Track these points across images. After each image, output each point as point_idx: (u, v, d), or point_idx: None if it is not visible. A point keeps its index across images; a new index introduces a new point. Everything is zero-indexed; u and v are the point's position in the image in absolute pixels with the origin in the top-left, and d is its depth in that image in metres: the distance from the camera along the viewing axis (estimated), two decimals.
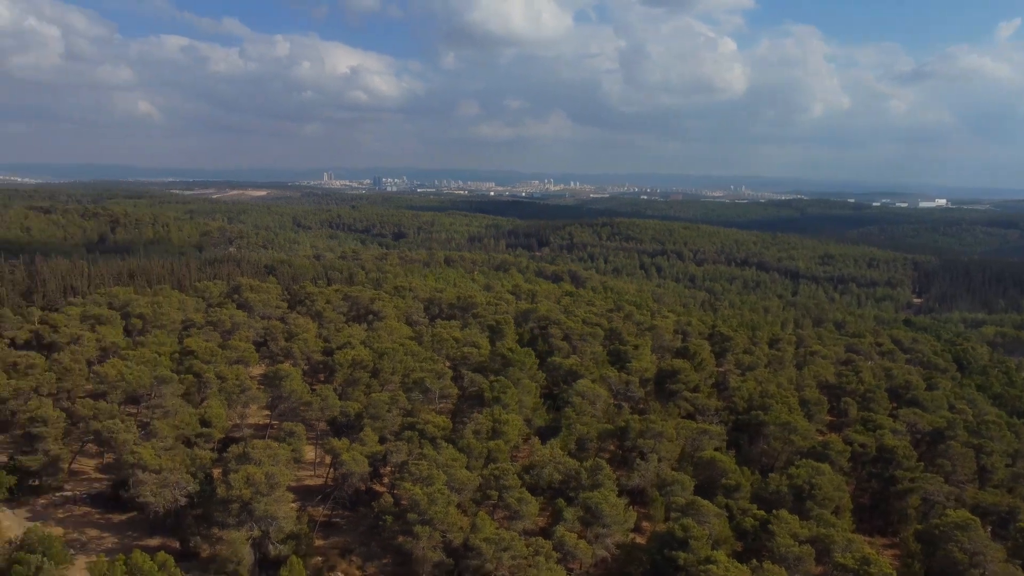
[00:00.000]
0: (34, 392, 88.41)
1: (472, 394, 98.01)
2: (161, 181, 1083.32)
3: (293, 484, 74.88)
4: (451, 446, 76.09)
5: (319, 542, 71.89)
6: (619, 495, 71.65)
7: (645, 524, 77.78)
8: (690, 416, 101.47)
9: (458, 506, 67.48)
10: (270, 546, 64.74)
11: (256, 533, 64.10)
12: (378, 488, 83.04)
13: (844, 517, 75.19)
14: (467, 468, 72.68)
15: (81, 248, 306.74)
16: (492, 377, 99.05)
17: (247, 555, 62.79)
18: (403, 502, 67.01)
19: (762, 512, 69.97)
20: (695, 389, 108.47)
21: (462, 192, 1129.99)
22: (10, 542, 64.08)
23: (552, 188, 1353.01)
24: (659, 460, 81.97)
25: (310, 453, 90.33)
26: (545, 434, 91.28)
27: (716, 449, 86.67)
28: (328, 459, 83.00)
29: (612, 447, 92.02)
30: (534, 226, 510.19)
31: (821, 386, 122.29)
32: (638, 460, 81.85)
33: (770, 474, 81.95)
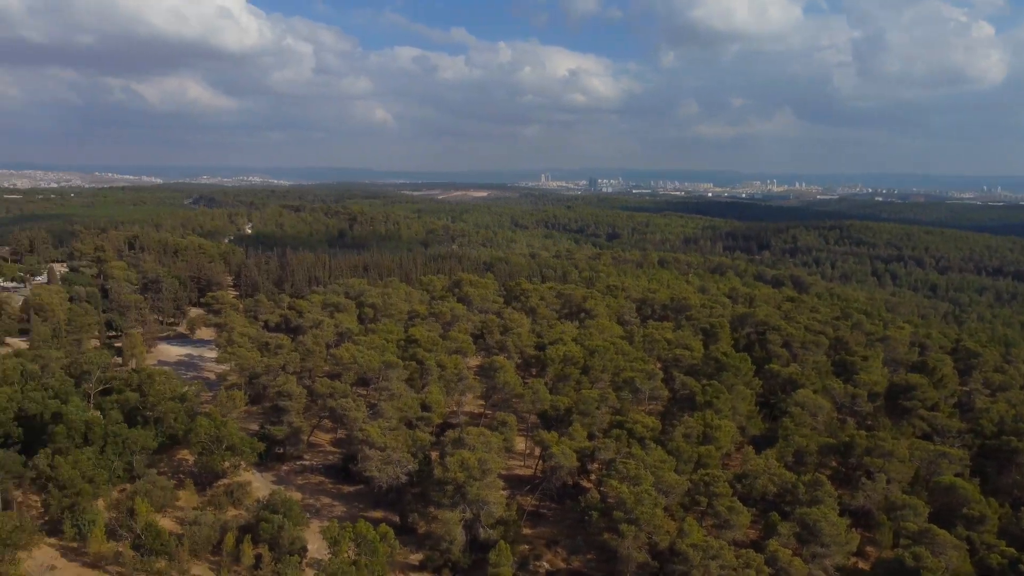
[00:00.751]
0: (282, 370, 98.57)
1: (683, 397, 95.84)
2: (393, 183, 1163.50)
3: (503, 472, 77.36)
4: (660, 448, 74.87)
5: (526, 531, 73.66)
6: (840, 514, 66.80)
7: (869, 549, 71.92)
8: (926, 437, 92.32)
9: (665, 509, 66.29)
10: (480, 529, 67.34)
11: (468, 515, 66.96)
12: (585, 483, 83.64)
13: None
14: (676, 471, 71.20)
15: (324, 243, 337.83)
16: (705, 381, 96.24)
17: (459, 536, 65.77)
18: (610, 499, 66.93)
19: (1012, 550, 62.12)
20: (933, 407, 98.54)
21: (678, 193, 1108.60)
22: (258, 501, 71.98)
23: (775, 189, 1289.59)
24: (888, 481, 75.26)
25: (520, 444, 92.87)
26: (760, 443, 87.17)
27: (957, 475, 78.08)
28: (537, 451, 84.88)
29: (834, 463, 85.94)
30: (754, 228, 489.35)
31: None
32: (863, 479, 75.78)
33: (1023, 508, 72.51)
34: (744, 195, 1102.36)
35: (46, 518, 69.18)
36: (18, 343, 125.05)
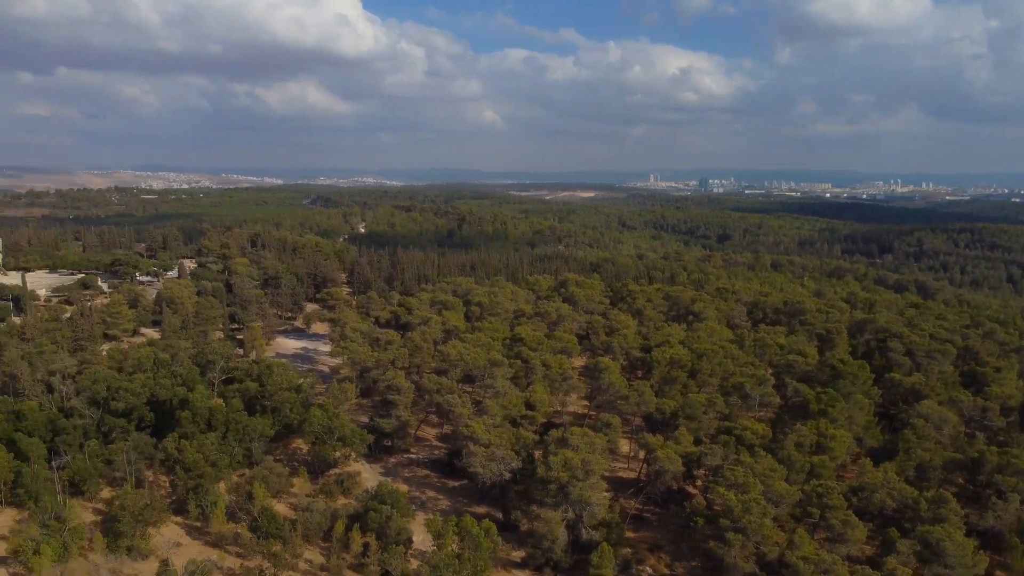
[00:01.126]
0: (391, 364, 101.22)
1: (795, 404, 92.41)
2: (501, 183, 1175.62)
3: (607, 474, 76.74)
4: (770, 456, 72.42)
5: (629, 534, 72.84)
6: (967, 535, 62.70)
7: (999, 573, 67.22)
8: None
9: (774, 519, 64.08)
10: (583, 530, 67.06)
11: (570, 515, 66.84)
12: (690, 489, 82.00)
13: None
14: (786, 481, 68.76)
15: (433, 242, 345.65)
16: (819, 388, 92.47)
17: (561, 535, 65.73)
18: (716, 507, 65.41)
19: None
20: None
21: (794, 194, 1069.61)
22: (367, 491, 74.23)
23: (899, 190, 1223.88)
24: (1021, 502, 70.11)
25: (624, 446, 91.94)
26: (878, 456, 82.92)
27: None
28: (642, 454, 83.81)
29: (960, 480, 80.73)
30: (875, 231, 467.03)
31: None
32: (994, 498, 70.84)
33: None
34: (865, 196, 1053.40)
35: (173, 498, 73.65)
36: (151, 333, 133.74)
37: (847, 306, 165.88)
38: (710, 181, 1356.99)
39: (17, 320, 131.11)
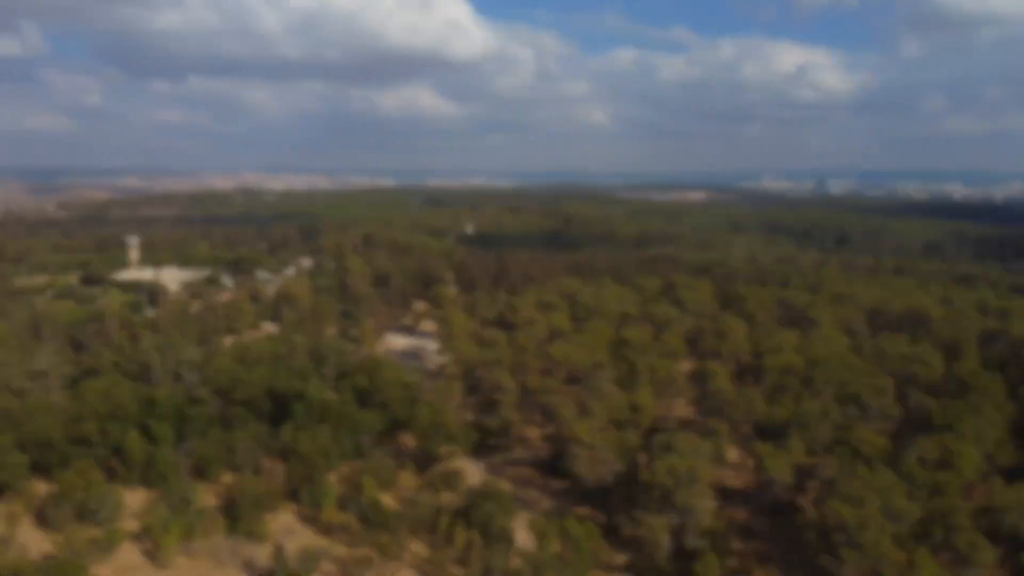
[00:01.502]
0: (496, 364, 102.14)
1: (918, 417, 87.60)
2: (609, 184, 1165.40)
3: (713, 482, 74.90)
4: (889, 470, 68.87)
5: (736, 544, 70.84)
6: None
7: None
8: None
9: (893, 537, 60.89)
10: (687, 538, 65.75)
11: (675, 522, 65.66)
12: (801, 501, 78.98)
13: None
14: (907, 497, 65.17)
15: (539, 242, 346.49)
16: (945, 401, 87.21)
17: (665, 542, 64.68)
18: (829, 521, 62.70)
19: None
20: None
21: (920, 194, 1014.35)
22: (471, 488, 75.27)
23: None
24: None
25: (732, 454, 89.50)
26: (1012, 475, 77.39)
27: None
28: (750, 463, 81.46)
29: None
30: (1011, 234, 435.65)
31: None
32: None
33: None
34: (1001, 197, 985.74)
35: (287, 486, 76.89)
36: (270, 327, 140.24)
37: (978, 315, 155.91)
38: (828, 181, 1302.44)
39: (151, 313, 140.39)
